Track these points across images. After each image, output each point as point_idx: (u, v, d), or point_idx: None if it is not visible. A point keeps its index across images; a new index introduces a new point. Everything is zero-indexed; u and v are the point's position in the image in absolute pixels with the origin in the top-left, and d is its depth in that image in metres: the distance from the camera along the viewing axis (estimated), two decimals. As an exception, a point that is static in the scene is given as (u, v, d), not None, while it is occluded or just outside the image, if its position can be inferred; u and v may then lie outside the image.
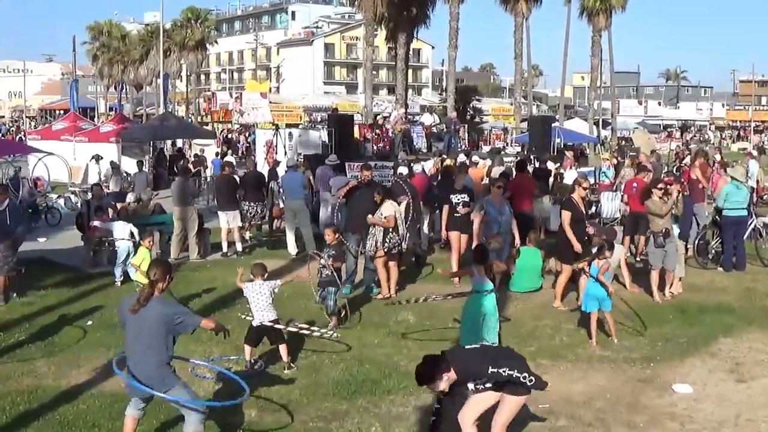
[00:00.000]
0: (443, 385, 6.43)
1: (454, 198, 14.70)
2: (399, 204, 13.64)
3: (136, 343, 6.74)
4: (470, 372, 6.44)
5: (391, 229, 13.14)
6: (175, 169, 29.20)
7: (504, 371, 6.43)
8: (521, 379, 6.54)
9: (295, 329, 9.86)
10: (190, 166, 29.63)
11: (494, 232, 13.29)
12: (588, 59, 59.80)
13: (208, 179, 27.67)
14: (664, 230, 13.20)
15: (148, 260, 12.97)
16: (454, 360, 6.42)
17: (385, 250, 13.21)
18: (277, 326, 9.62)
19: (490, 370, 6.41)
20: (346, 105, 66.41)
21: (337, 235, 11.74)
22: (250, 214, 18.75)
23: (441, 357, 6.48)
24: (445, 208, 14.72)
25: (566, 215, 12.58)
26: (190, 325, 6.85)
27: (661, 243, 13.15)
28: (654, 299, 13.11)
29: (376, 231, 13.23)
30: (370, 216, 13.24)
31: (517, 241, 13.73)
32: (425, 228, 17.87)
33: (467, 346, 7.02)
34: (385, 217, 13.10)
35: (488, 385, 6.58)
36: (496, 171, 21.62)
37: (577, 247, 12.19)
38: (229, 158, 29.10)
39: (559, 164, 27.25)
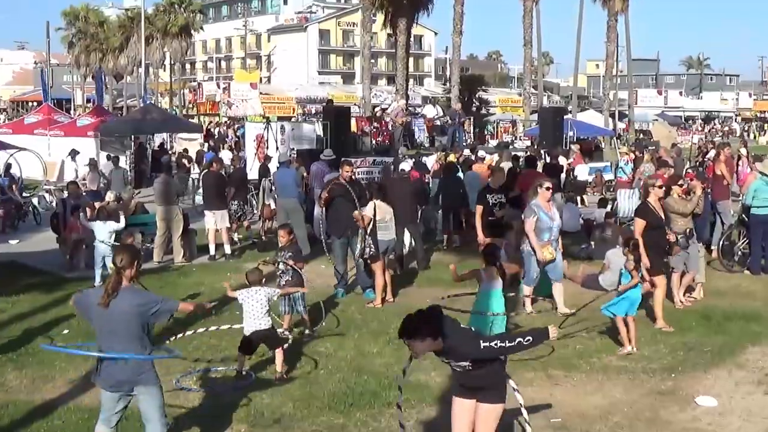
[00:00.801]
0: (422, 348, 6.09)
1: (491, 198, 14.19)
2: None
3: (112, 340, 6.61)
4: (458, 352, 6.25)
5: (368, 231, 13.10)
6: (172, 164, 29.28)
7: (496, 344, 6.22)
8: (520, 344, 6.32)
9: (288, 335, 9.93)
10: (185, 161, 29.70)
11: (545, 240, 12.55)
12: (603, 46, 59.87)
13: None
14: (687, 230, 13.16)
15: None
16: (447, 330, 6.13)
17: (364, 255, 13.25)
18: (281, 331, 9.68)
19: (482, 344, 6.22)
20: (342, 96, 66.41)
21: (291, 236, 11.83)
22: (237, 214, 18.80)
23: (438, 318, 6.15)
24: (479, 209, 14.14)
25: (639, 224, 12.05)
26: (167, 311, 6.79)
27: (685, 244, 13.11)
28: (675, 304, 13.10)
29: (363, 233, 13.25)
30: (356, 212, 13.21)
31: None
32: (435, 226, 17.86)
33: (463, 326, 6.74)
34: (362, 216, 13.10)
35: (468, 366, 6.34)
36: (504, 167, 21.65)
37: (645, 261, 11.53)
38: (225, 153, 29.08)
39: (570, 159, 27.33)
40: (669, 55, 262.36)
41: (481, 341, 6.24)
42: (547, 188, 12.80)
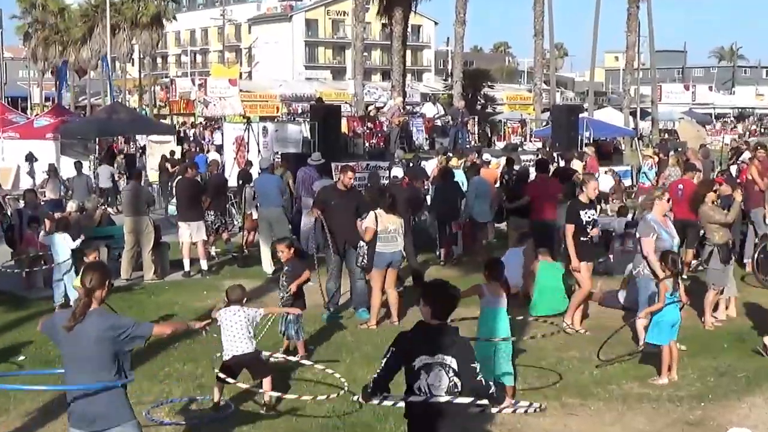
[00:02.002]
0: (422, 309, 6.53)
1: (584, 215, 12.97)
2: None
3: (79, 369, 6.56)
4: (440, 345, 6.34)
5: (366, 245, 13.18)
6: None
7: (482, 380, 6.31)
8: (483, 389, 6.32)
9: (282, 358, 9.96)
10: (168, 166, 29.74)
11: None
12: (623, 36, 59.91)
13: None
14: (729, 242, 13.13)
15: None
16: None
17: (357, 264, 13.39)
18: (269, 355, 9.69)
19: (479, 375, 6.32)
20: (332, 93, 66.53)
21: (291, 250, 11.90)
22: (215, 225, 18.80)
23: (452, 299, 6.63)
24: (570, 228, 12.81)
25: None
26: (140, 335, 6.70)
27: (727, 258, 13.07)
28: (705, 325, 13.12)
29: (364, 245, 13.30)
30: (358, 221, 13.27)
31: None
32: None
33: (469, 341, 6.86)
34: (365, 228, 13.17)
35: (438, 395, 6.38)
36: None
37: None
38: (214, 156, 29.09)
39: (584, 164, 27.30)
40: (697, 45, 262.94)
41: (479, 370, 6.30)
42: (668, 199, 12.30)
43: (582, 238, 12.80)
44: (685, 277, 15.82)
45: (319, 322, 13.35)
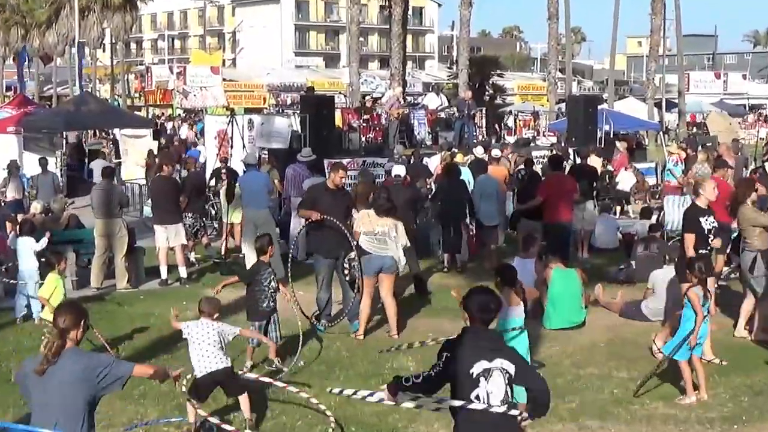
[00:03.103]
0: (463, 315, 6.74)
1: (704, 222, 12.47)
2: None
3: (45, 417, 6.46)
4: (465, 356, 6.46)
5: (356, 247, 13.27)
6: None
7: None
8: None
9: (254, 377, 9.97)
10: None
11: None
12: (647, 19, 59.95)
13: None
14: None
15: (61, 291, 13.02)
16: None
17: (345, 273, 13.51)
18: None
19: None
20: (324, 83, 66.66)
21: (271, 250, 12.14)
22: (193, 228, 18.80)
23: (496, 304, 6.77)
24: (690, 238, 12.35)
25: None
26: (119, 377, 6.61)
27: None
28: (739, 337, 13.13)
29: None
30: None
31: None
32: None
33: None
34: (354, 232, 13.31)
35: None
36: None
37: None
38: (201, 150, 29.09)
39: (605, 160, 27.29)
40: (729, 29, 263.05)
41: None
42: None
43: (701, 250, 12.24)
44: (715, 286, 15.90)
45: (310, 336, 13.35)
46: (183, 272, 17.69)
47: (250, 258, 17.71)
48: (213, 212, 22.44)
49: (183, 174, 22.77)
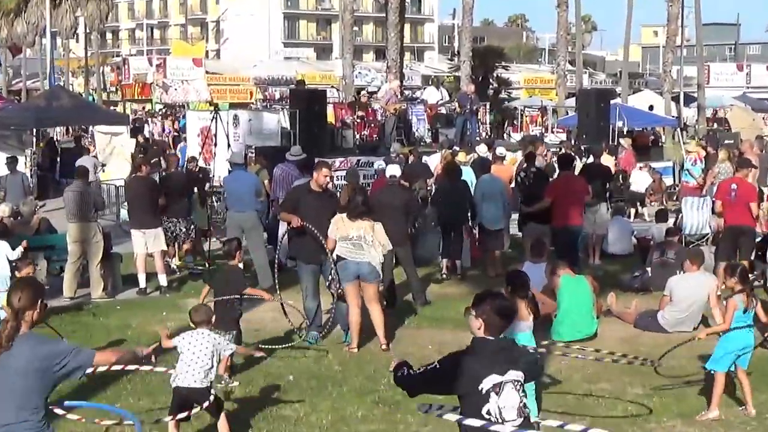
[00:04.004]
0: (474, 323, 6.62)
1: None
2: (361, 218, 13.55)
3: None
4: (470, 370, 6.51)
5: (333, 256, 13.28)
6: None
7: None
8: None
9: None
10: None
11: None
12: (663, 7, 60.02)
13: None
14: None
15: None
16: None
17: (330, 288, 13.53)
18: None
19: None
20: (316, 76, 66.56)
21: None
22: (173, 233, 18.78)
23: (510, 311, 6.84)
24: None
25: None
26: (80, 366, 6.59)
27: None
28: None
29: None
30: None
31: None
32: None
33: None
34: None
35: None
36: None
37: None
38: (187, 148, 29.07)
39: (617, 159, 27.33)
40: (753, 17, 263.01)
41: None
42: None
43: None
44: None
45: (300, 348, 13.36)
46: (163, 280, 17.66)
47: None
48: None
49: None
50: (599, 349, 11.59)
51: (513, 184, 21.31)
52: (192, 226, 19.32)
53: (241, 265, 13.13)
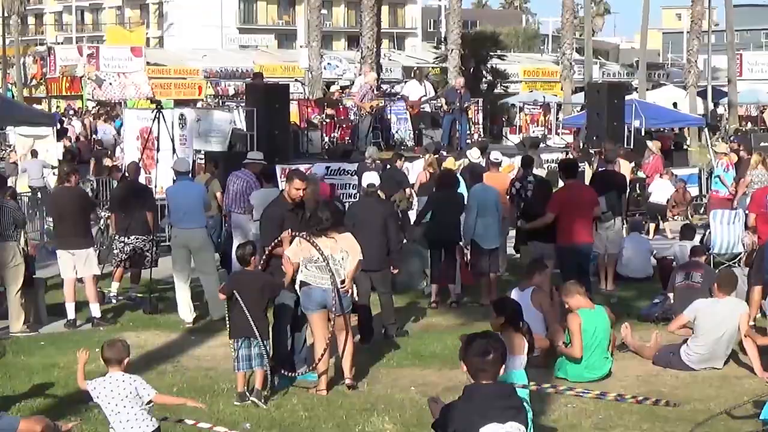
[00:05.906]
0: (462, 369, 6.94)
1: None
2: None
3: None
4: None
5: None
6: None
7: None
8: None
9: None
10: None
11: None
12: (687, -14, 60.38)
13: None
14: None
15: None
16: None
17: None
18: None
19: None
20: (277, 67, 66.70)
21: None
22: (140, 253, 18.75)
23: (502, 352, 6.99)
24: None
25: None
26: None
27: None
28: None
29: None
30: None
31: None
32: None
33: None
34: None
35: None
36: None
37: None
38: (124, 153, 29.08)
39: (634, 164, 27.30)
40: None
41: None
42: None
43: None
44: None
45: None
46: (95, 311, 17.57)
47: (181, 295, 17.66)
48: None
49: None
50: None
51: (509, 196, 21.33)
52: (155, 246, 19.26)
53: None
